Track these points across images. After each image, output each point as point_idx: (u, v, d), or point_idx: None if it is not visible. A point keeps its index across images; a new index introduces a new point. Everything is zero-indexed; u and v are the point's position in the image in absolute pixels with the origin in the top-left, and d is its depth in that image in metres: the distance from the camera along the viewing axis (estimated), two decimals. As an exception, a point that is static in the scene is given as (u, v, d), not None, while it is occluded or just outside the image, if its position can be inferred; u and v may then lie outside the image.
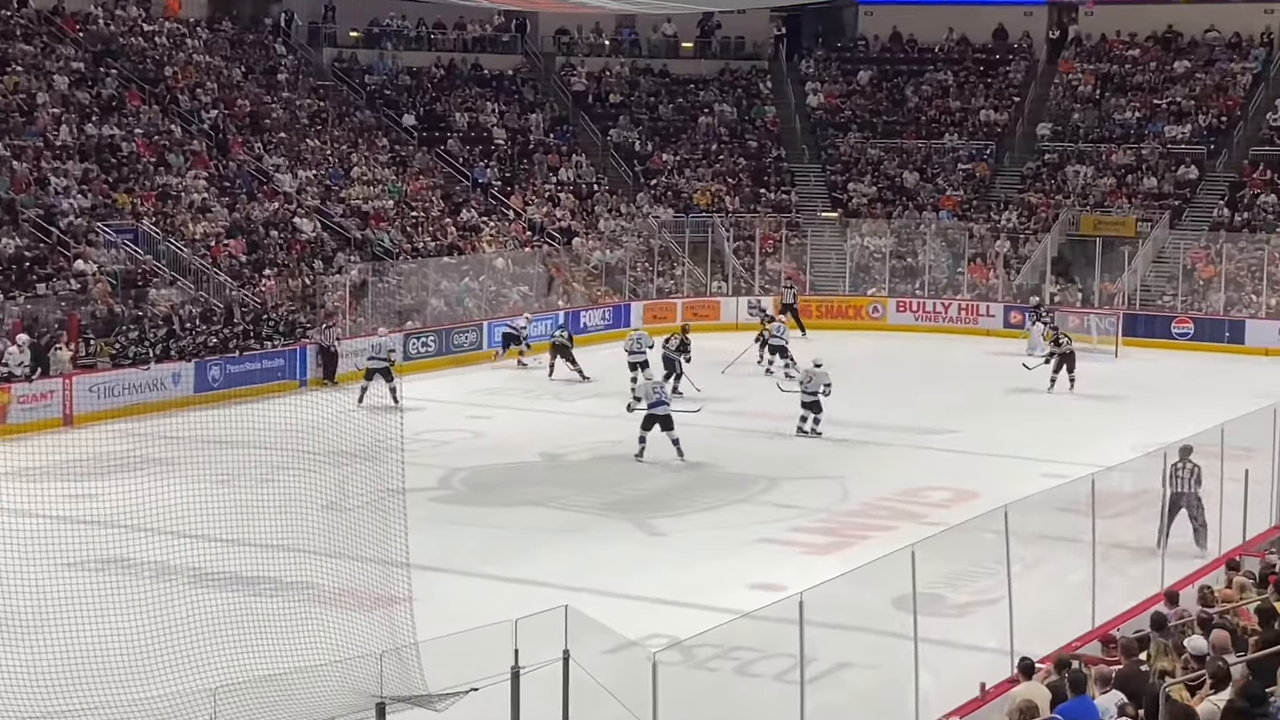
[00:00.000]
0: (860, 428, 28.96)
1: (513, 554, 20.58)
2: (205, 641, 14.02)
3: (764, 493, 24.31)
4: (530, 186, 45.45)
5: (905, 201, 46.92)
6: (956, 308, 42.67)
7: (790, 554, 20.65)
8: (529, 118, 48.29)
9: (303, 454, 18.10)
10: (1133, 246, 42.31)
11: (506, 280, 40.20)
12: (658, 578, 19.44)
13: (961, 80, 50.91)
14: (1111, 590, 16.36)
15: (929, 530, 19.44)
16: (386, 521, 15.49)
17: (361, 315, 35.80)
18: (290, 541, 16.47)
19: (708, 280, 43.83)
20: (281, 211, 38.04)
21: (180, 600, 14.82)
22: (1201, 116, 46.70)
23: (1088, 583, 15.95)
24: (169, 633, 13.95)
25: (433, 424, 28.41)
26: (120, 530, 16.61)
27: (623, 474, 25.52)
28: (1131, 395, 32.95)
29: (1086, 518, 16.30)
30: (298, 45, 46.79)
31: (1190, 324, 39.82)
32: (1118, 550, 18.17)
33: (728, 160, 48.67)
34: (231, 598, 15.81)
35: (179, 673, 13.21)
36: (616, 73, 51.25)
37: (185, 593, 15.18)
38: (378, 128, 44.98)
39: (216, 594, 15.57)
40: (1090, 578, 15.98)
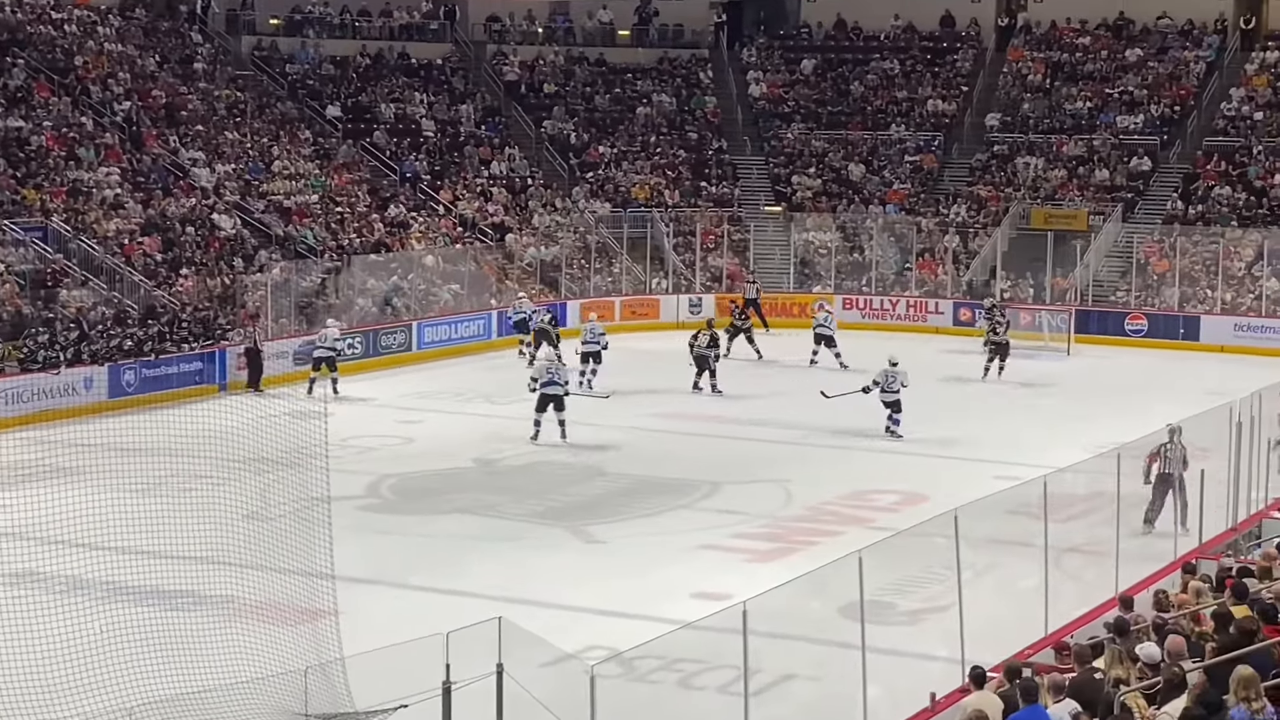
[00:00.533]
0: (805, 430, 29.05)
1: (444, 564, 20.52)
2: (121, 658, 13.90)
3: (705, 498, 24.34)
4: (461, 180, 45.34)
5: (851, 195, 47.10)
6: (904, 305, 42.89)
7: (733, 561, 20.68)
8: (459, 109, 48.17)
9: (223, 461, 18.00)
10: (1085, 240, 42.64)
11: (437, 279, 40.08)
12: (596, 587, 19.43)
13: (908, 69, 51.15)
14: (1064, 596, 16.47)
15: (877, 535, 19.56)
16: (311, 531, 15.43)
17: (284, 316, 35.60)
18: (210, 553, 16.38)
19: (647, 278, 43.86)
20: (199, 208, 37.78)
21: (94, 615, 14.68)
22: (1154, 106, 47.11)
23: (1040, 589, 16.04)
24: (82, 650, 13.83)
25: (360, 429, 28.31)
26: (30, 542, 16.46)
27: (559, 479, 25.50)
28: (1084, 394, 33.18)
29: (1039, 521, 16.40)
30: (215, 33, 46.50)
31: (1144, 320, 40.16)
32: (1071, 555, 18.29)
33: (667, 153, 48.72)
34: (148, 612, 15.67)
35: (93, 692, 13.10)
36: (550, 61, 51.20)
37: (99, 607, 15.03)
38: (300, 119, 44.76)
39: (132, 608, 15.42)
40: (1043, 583, 16.07)
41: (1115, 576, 16.83)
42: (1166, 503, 20.24)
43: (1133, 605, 14.28)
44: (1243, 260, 41.13)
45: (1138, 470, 19.81)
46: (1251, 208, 42.96)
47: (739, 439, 28.52)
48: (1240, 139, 45.08)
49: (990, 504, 19.46)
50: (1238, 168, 44.34)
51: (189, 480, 18.33)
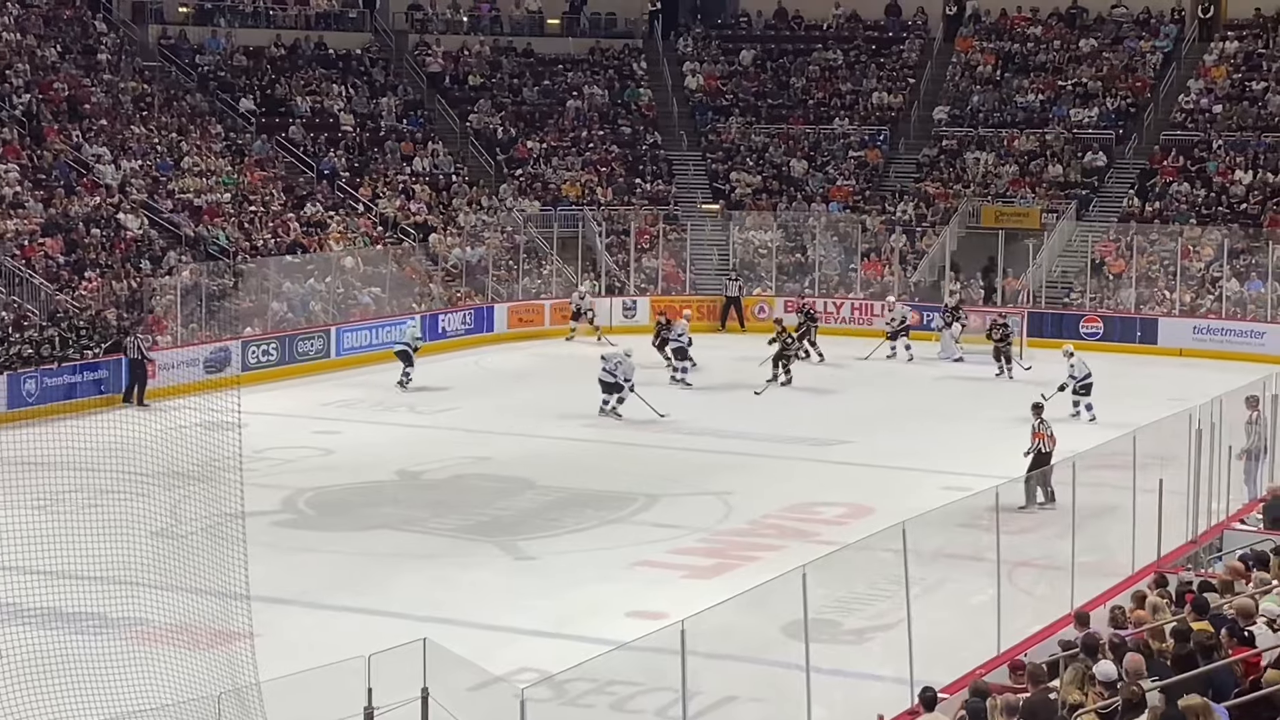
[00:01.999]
0: (745, 439, 29.14)
1: (365, 583, 20.46)
2: (22, 686, 13.78)
3: (641, 511, 24.37)
4: (381, 177, 45.22)
5: (792, 192, 47.29)
6: (849, 307, 43.05)
7: (670, 578, 20.71)
8: (379, 102, 48.05)
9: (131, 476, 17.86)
10: (1038, 240, 42.96)
11: (356, 281, 39.96)
12: (525, 606, 19.43)
13: (852, 60, 51.41)
14: (1018, 612, 16.57)
15: (821, 550, 19.59)
16: (224, 549, 15.34)
17: (194, 321, 35.40)
18: (117, 573, 16.24)
19: (578, 279, 43.85)
20: (104, 206, 37.52)
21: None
22: (1109, 99, 47.52)
23: (993, 604, 16.13)
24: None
25: (275, 440, 28.18)
26: (-76, 563, 16.29)
27: (487, 493, 25.48)
28: (1038, 400, 33.33)
29: (991, 534, 16.49)
30: (120, 22, 46.20)
31: (1099, 323, 40.48)
32: (1024, 569, 18.42)
33: (599, 148, 48.75)
34: (51, 636, 15.55)
35: (-8, 722, 12.99)
36: (476, 52, 51.15)
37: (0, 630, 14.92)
38: (211, 113, 44.52)
39: (34, 632, 15.30)
40: (995, 599, 16.17)
41: (1071, 591, 16.95)
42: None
43: (1089, 621, 14.39)
44: (1202, 260, 41.53)
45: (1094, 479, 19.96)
46: (1211, 205, 43.39)
47: (677, 449, 28.58)
48: (1199, 133, 45.53)
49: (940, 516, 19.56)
50: (1196, 163, 44.80)
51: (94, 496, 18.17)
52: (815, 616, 13.74)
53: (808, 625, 13.53)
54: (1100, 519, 20.06)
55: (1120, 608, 14.67)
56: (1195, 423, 19.60)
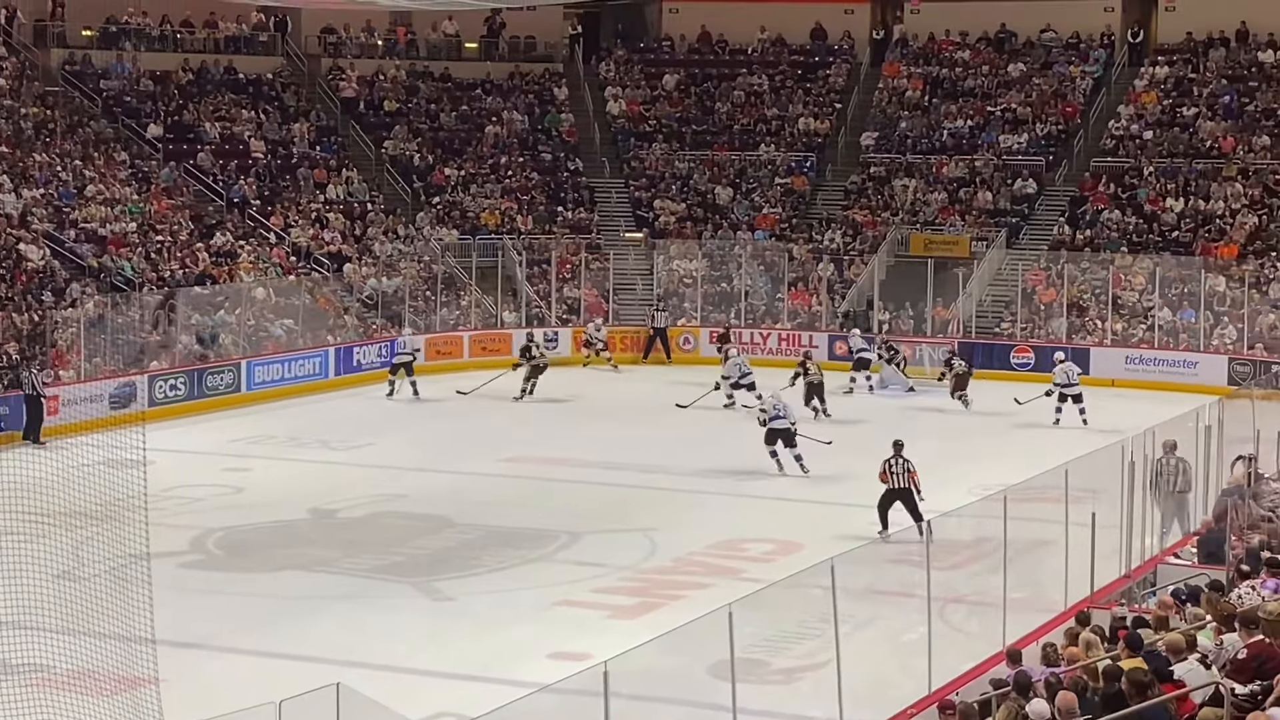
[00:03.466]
0: (668, 474, 29.14)
1: (276, 626, 20.34)
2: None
3: (562, 549, 24.34)
4: (294, 206, 45.03)
5: (718, 220, 47.42)
6: (776, 338, 43.16)
7: (594, 618, 20.69)
8: (291, 127, 47.89)
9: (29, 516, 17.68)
10: (967, 268, 43.24)
11: (269, 313, 39.76)
12: (443, 649, 19.36)
13: (777, 85, 51.66)
14: (949, 650, 16.63)
15: (748, 587, 19.63)
16: (129, 592, 15.21)
17: (98, 355, 35.11)
18: (16, 617, 16.06)
19: (498, 310, 43.80)
20: (3, 237, 37.20)
21: (-114, 689, 14.38)
22: (1039, 125, 47.95)
23: (923, 642, 16.19)
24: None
25: (182, 478, 27.97)
26: None
27: (402, 532, 25.39)
28: (968, 433, 33.60)
29: (921, 570, 16.56)
30: (21, 45, 45.83)
31: (1030, 353, 40.75)
32: (956, 605, 18.49)
33: (519, 175, 48.76)
34: (-53, 685, 15.37)
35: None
36: (391, 76, 51.07)
37: (-109, 680, 14.73)
38: (116, 140, 44.24)
39: (-71, 681, 15.13)
40: (926, 636, 16.23)
41: (1003, 628, 17.03)
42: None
43: (1021, 659, 14.47)
44: (1134, 289, 41.91)
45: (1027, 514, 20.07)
46: (1143, 232, 43.84)
47: (599, 484, 28.57)
48: (1130, 159, 45.99)
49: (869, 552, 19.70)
50: (1127, 190, 45.25)
51: (-8, 537, 17.98)
52: (742, 656, 13.76)
53: (735, 665, 13.53)
54: (1032, 554, 20.16)
55: (1052, 645, 14.74)
56: (1128, 455, 19.78)
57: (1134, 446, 19.91)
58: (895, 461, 24.29)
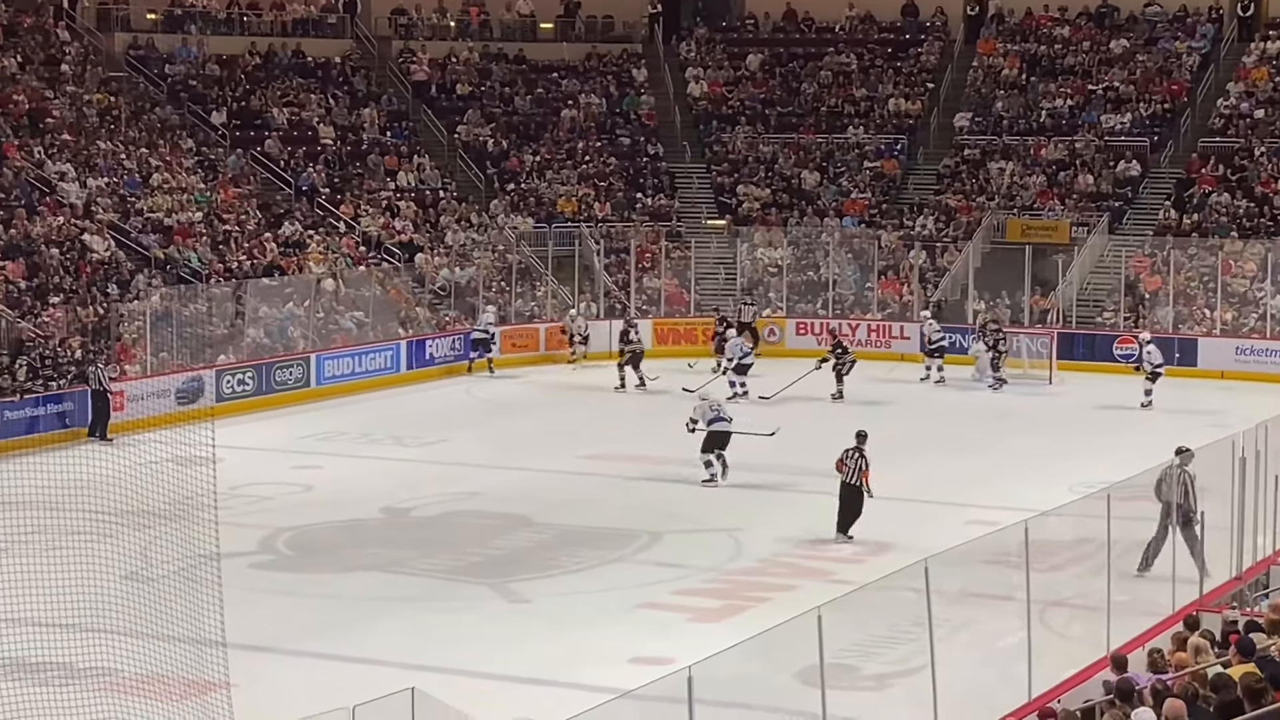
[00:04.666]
0: (755, 471, 29.08)
1: (349, 628, 20.45)
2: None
3: (644, 550, 24.36)
4: (364, 194, 45.28)
5: (804, 206, 47.33)
6: (865, 329, 43.01)
7: (676, 621, 20.70)
8: (361, 113, 48.13)
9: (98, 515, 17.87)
10: (1067, 255, 42.94)
11: (338, 305, 39.99)
12: (521, 652, 19.41)
13: (867, 65, 51.48)
14: (1050, 655, 16.56)
15: (837, 590, 19.57)
16: (199, 593, 15.34)
17: (165, 349, 35.42)
18: (84, 620, 16.24)
19: (575, 301, 43.88)
20: (68, 227, 37.58)
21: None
22: (1143, 104, 47.57)
23: (1022, 647, 16.13)
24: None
25: (253, 476, 28.20)
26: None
27: (478, 531, 25.48)
28: (1068, 428, 33.40)
29: (1020, 571, 16.48)
30: (84, 30, 46.31)
31: (1134, 344, 40.39)
32: (1056, 609, 18.39)
33: (596, 160, 48.82)
34: (15, 688, 15.55)
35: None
36: (464, 59, 51.24)
37: (-43, 684, 14.93)
38: (181, 127, 44.60)
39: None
40: (1025, 641, 16.16)
41: (1106, 633, 16.93)
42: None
43: (1126, 665, 14.39)
44: (1244, 276, 41.54)
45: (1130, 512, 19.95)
46: (1253, 216, 43.43)
47: (681, 482, 28.51)
48: (1239, 139, 45.57)
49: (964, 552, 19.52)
50: (1237, 172, 44.83)
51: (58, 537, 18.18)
52: (832, 661, 13.74)
53: (824, 671, 13.52)
54: (1137, 555, 20.09)
55: (1159, 650, 14.67)
56: (1239, 450, 19.59)
57: (1245, 442, 19.72)
58: (852, 454, 24.18)
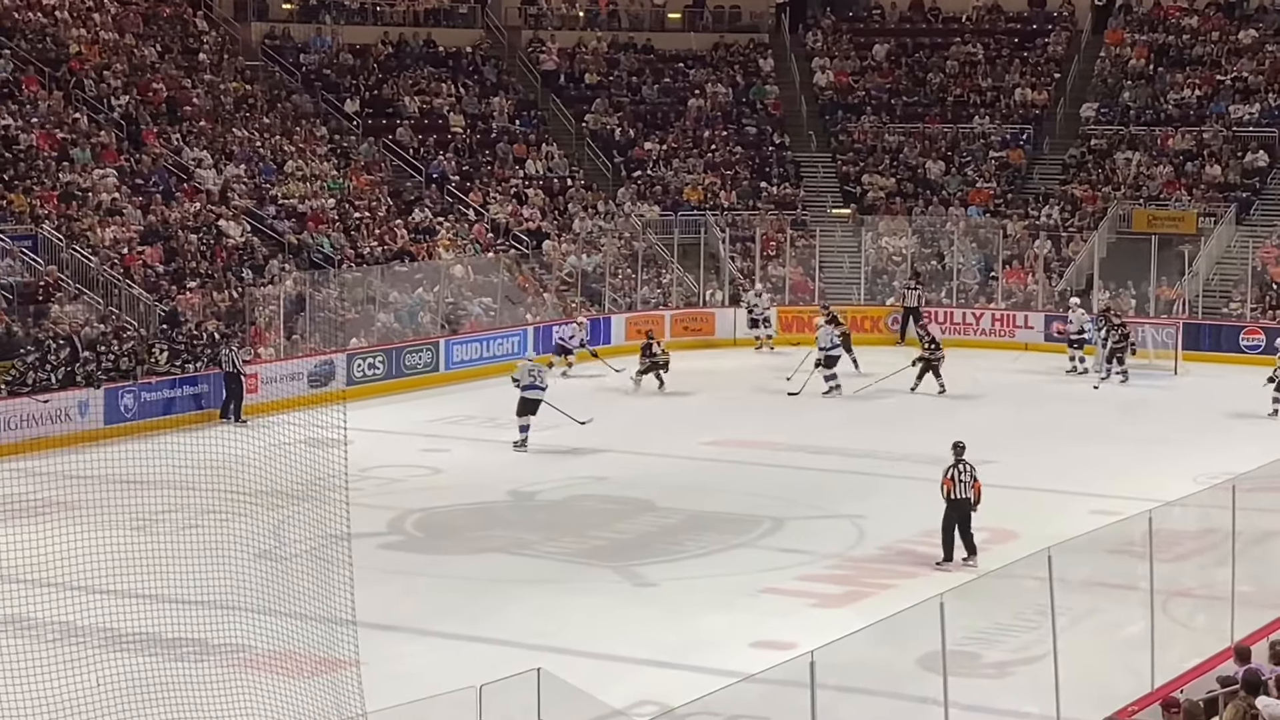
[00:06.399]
0: (879, 459, 29.00)
1: (476, 609, 20.57)
2: (121, 713, 13.99)
3: (768, 535, 24.33)
4: (493, 182, 45.51)
5: (929, 195, 47.07)
6: (990, 318, 42.69)
7: (799, 606, 20.67)
8: (491, 102, 48.37)
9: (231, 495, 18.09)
10: (1194, 245, 42.42)
11: (466, 291, 40.23)
12: (645, 635, 19.44)
13: (993, 54, 51.11)
14: (1173, 646, 16.42)
15: (960, 577, 19.52)
16: (330, 572, 15.50)
17: (297, 333, 35.77)
18: (218, 597, 16.46)
19: (701, 289, 43.89)
20: (204, 213, 38.03)
21: (91, 666, 14.79)
22: (1272, 95, 46.89)
23: (1145, 637, 15.99)
24: (79, 703, 13.93)
25: (382, 458, 28.41)
26: (21, 585, 16.59)
27: (603, 515, 25.53)
28: (1194, 419, 33.03)
29: (1143, 561, 16.35)
30: (221, 20, 46.83)
31: (1261, 335, 39.88)
32: (1180, 599, 18.23)
33: (722, 149, 48.78)
34: (150, 663, 15.79)
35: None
36: (592, 49, 51.36)
37: (96, 657, 15.14)
38: (315, 115, 45.02)
39: (133, 658, 15.53)
40: (1148, 631, 16.02)
41: (1231, 624, 16.75)
42: None
43: (1250, 656, 14.22)
44: (1373, 267, 40.91)
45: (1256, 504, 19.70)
46: (1382, 207, 42.77)
47: (805, 469, 28.51)
48: (1368, 130, 44.88)
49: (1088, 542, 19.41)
50: (1366, 162, 44.16)
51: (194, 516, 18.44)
52: (954, 648, 13.70)
53: (946, 658, 13.47)
54: (1262, 545, 19.83)
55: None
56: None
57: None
58: (962, 469, 22.00)
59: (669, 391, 35.59)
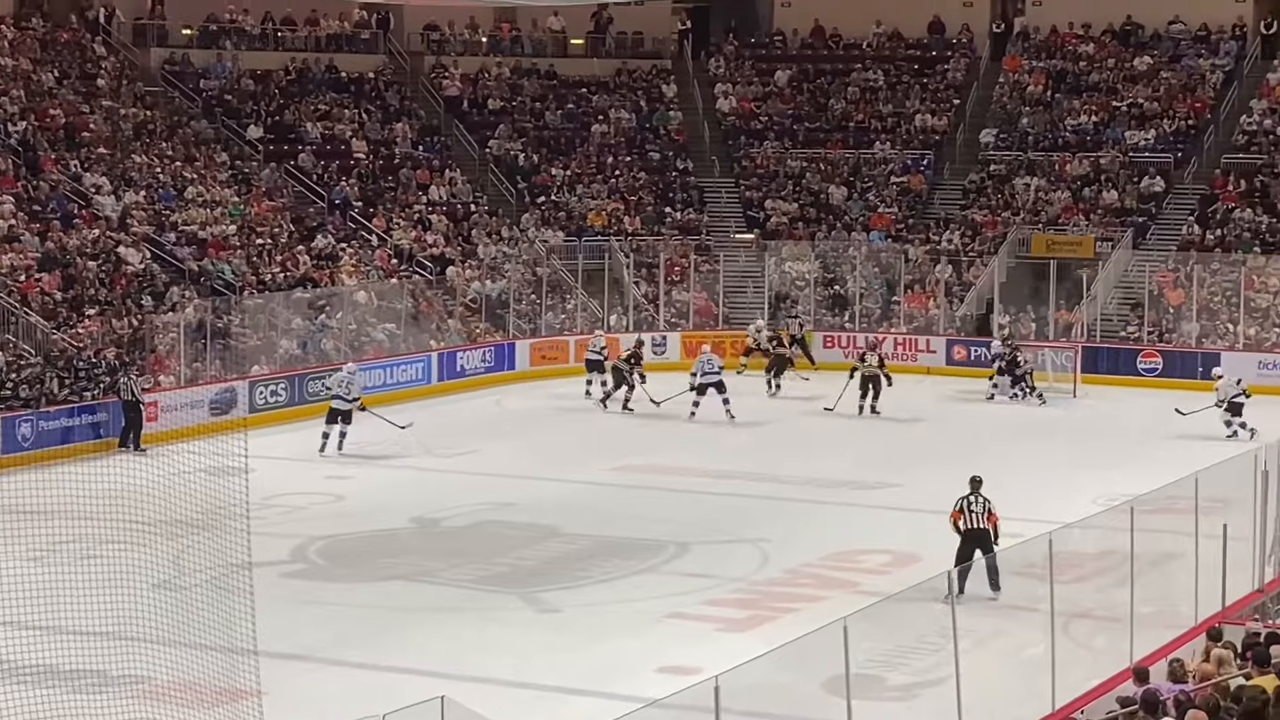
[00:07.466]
0: (782, 483, 29.08)
1: (379, 637, 20.46)
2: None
3: (672, 560, 24.33)
4: (396, 207, 45.35)
5: (831, 221, 47.28)
6: (892, 343, 42.91)
7: (704, 631, 20.68)
8: (394, 127, 48.22)
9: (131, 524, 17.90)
10: (1092, 270, 42.83)
11: (370, 317, 40.06)
12: (551, 661, 19.39)
13: (894, 81, 51.44)
14: (1074, 667, 16.51)
15: (864, 600, 19.58)
16: (231, 602, 15.36)
17: (198, 361, 35.50)
18: (117, 628, 16.27)
19: (605, 314, 43.89)
20: (103, 240, 37.70)
21: (-14, 699, 14.61)
22: (1167, 121, 47.46)
23: (1047, 658, 16.08)
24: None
25: (284, 486, 28.20)
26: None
27: (508, 541, 25.46)
28: (1093, 441, 33.31)
29: (1044, 583, 16.44)
30: (120, 45, 46.47)
31: (1158, 358, 40.35)
32: (1081, 620, 18.34)
33: (626, 175, 48.84)
34: (49, 695, 15.57)
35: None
36: (495, 75, 51.32)
37: (-8, 690, 14.96)
38: (216, 141, 44.73)
39: (29, 691, 15.33)
40: (1049, 652, 16.12)
41: (1130, 644, 16.89)
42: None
43: (1148, 677, 14.33)
44: (1268, 291, 41.40)
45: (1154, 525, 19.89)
46: (1276, 232, 43.30)
47: (711, 494, 28.53)
48: (1263, 156, 45.45)
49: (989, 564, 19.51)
50: (1260, 188, 44.69)
51: (92, 546, 18.22)
52: (858, 672, 13.72)
53: (850, 681, 13.49)
54: (1161, 567, 19.99)
55: (1180, 660, 14.61)
56: (1260, 463, 19.54)
57: (1267, 455, 19.67)
58: (975, 500, 21.77)
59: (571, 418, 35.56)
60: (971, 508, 21.65)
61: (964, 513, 21.68)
